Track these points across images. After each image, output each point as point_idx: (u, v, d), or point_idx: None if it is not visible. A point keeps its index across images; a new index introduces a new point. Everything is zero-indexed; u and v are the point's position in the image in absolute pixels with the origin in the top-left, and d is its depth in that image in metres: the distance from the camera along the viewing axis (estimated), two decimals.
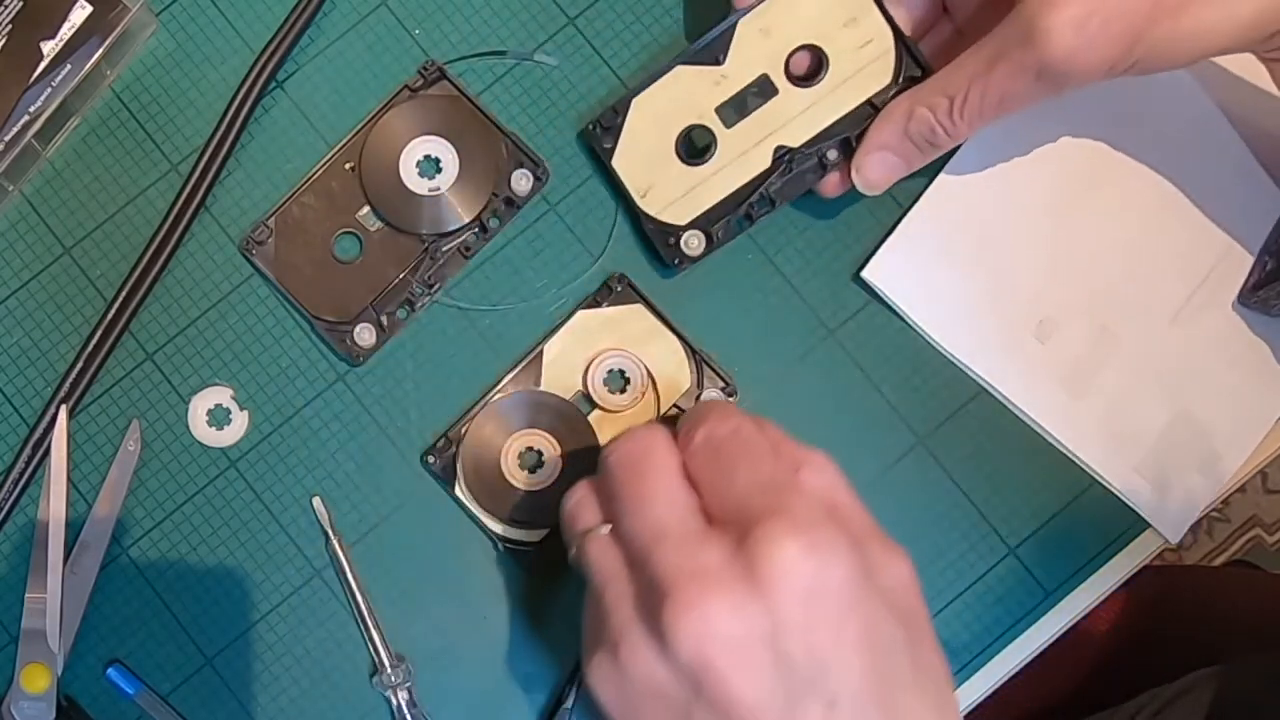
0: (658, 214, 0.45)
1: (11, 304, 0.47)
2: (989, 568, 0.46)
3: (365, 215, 0.46)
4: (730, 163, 0.45)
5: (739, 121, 0.45)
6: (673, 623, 0.33)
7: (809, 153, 0.45)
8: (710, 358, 0.46)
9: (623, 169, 0.45)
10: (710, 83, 0.45)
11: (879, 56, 0.44)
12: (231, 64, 0.48)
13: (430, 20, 0.48)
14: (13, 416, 0.46)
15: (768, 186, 0.45)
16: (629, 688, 0.35)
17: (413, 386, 0.46)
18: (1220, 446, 0.47)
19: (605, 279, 0.46)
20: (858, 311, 0.47)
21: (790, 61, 0.45)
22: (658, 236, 0.45)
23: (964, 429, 0.47)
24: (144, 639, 0.45)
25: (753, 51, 0.45)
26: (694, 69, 0.45)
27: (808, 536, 0.33)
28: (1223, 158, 0.47)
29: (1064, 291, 0.47)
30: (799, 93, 0.45)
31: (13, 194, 0.47)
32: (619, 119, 0.45)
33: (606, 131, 0.45)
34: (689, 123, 0.45)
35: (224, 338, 0.47)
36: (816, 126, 0.45)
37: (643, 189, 0.45)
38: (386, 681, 0.45)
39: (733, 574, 0.34)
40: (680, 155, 0.45)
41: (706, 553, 0.34)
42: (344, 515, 0.46)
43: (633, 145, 0.45)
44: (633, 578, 0.36)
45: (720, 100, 0.45)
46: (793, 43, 0.45)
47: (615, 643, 0.35)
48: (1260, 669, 0.54)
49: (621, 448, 0.38)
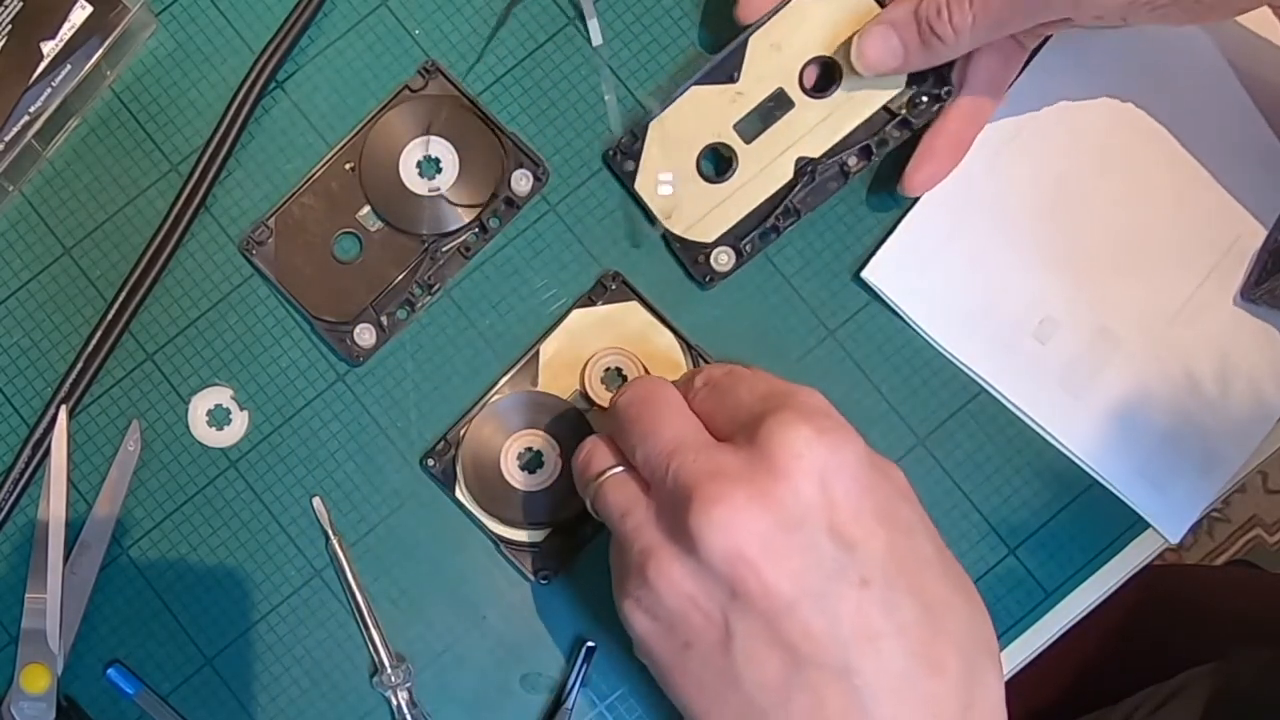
0: (684, 233, 0.46)
1: (11, 304, 0.47)
2: (989, 568, 0.46)
3: (365, 215, 0.46)
4: (753, 178, 0.45)
5: (758, 136, 0.45)
6: (700, 522, 0.34)
7: (830, 162, 0.45)
8: (707, 352, 0.46)
9: (645, 192, 0.46)
10: (726, 100, 0.45)
11: None
12: (231, 64, 0.48)
13: (430, 20, 0.48)
14: (13, 416, 0.46)
15: (792, 198, 0.45)
16: (663, 611, 0.36)
17: (413, 386, 0.46)
18: (1220, 446, 0.47)
19: (599, 276, 0.46)
20: (858, 311, 0.47)
21: (804, 74, 0.45)
22: (686, 255, 0.46)
23: (964, 429, 0.47)
24: (144, 639, 0.45)
25: (765, 67, 0.45)
26: (709, 88, 0.45)
27: (815, 423, 0.35)
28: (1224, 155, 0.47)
29: (1064, 291, 0.47)
30: (815, 103, 0.45)
31: (13, 194, 0.47)
32: (638, 142, 0.46)
33: (627, 155, 0.46)
34: (708, 141, 0.45)
35: (224, 338, 0.47)
36: (835, 135, 0.45)
37: (667, 210, 0.46)
38: (386, 681, 0.45)
39: (751, 468, 0.34)
40: (702, 174, 0.46)
41: (723, 456, 0.35)
42: (344, 515, 0.46)
43: (653, 167, 0.46)
44: (652, 501, 0.37)
45: (738, 117, 0.45)
46: (804, 55, 0.45)
47: (642, 566, 0.36)
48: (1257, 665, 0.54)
49: (629, 391, 0.39)
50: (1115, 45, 0.47)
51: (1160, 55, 0.48)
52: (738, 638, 0.35)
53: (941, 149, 0.45)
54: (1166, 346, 0.47)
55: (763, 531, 0.34)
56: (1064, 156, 0.47)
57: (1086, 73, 0.47)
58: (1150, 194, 0.47)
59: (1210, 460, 0.47)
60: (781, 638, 0.34)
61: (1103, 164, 0.47)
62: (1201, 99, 0.48)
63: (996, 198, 0.47)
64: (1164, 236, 0.47)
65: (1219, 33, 0.48)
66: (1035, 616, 0.46)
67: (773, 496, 0.34)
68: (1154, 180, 0.47)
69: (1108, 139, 0.47)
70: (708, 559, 0.34)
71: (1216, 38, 0.48)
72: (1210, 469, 0.47)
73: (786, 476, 0.34)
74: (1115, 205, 0.47)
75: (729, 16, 0.46)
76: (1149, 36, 0.47)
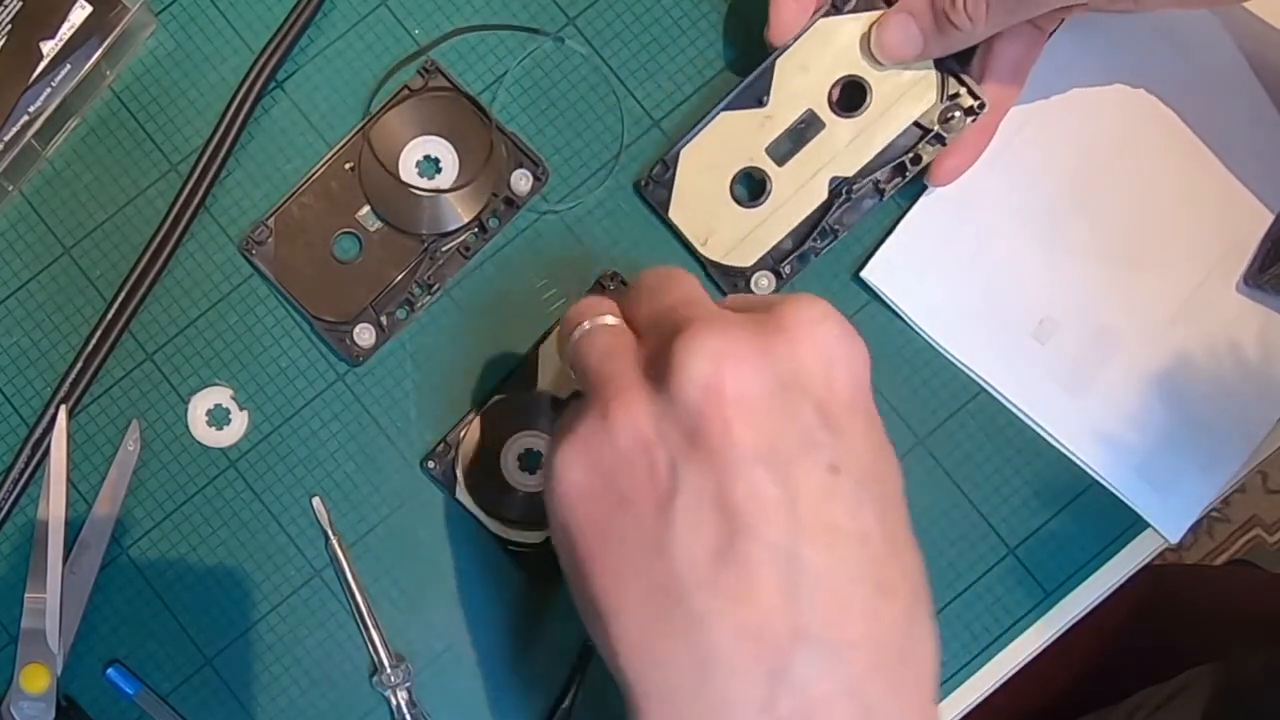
0: (722, 259, 0.45)
1: (11, 304, 0.47)
2: (989, 568, 0.46)
3: (365, 215, 0.46)
4: (787, 200, 0.45)
5: (790, 158, 0.45)
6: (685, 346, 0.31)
7: (864, 181, 0.45)
8: None
9: (680, 219, 0.46)
10: (756, 125, 0.45)
11: (920, 78, 0.45)
12: (231, 64, 0.48)
13: (430, 20, 0.48)
14: (13, 416, 0.46)
15: (829, 218, 0.45)
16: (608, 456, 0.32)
17: (413, 386, 0.46)
18: (1220, 446, 0.47)
19: (599, 276, 0.46)
20: (858, 312, 0.47)
21: (833, 93, 0.45)
22: (726, 281, 0.46)
23: (964, 429, 0.47)
24: (144, 639, 0.45)
25: (794, 88, 0.45)
26: (738, 113, 0.45)
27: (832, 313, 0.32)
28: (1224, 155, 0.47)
29: (1064, 291, 0.47)
30: (846, 123, 0.45)
31: (13, 194, 0.47)
32: (670, 171, 0.46)
33: (659, 185, 0.46)
34: (740, 166, 0.45)
35: (224, 338, 0.47)
36: (868, 153, 0.45)
37: (703, 237, 0.45)
38: (386, 681, 0.45)
39: (757, 322, 0.32)
40: (736, 199, 0.45)
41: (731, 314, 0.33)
42: (344, 515, 0.46)
43: (687, 195, 0.46)
44: (642, 346, 0.34)
45: (768, 140, 0.45)
46: (833, 75, 0.45)
47: (606, 402, 0.32)
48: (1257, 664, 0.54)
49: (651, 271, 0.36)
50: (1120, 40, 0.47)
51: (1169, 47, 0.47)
52: (681, 494, 0.31)
53: (968, 138, 0.45)
54: (1166, 346, 0.47)
55: (746, 375, 0.31)
56: (1065, 154, 0.47)
57: (1089, 69, 0.47)
58: (1153, 191, 0.47)
59: (1210, 460, 0.47)
60: (728, 501, 0.30)
61: (1104, 161, 0.47)
62: (1211, 91, 0.47)
63: (995, 197, 0.47)
64: (1167, 233, 0.47)
65: (1231, 22, 0.48)
66: (1035, 616, 0.46)
67: (770, 352, 0.31)
68: (1157, 177, 0.47)
69: (1109, 135, 0.47)
70: (678, 391, 0.31)
71: (1229, 28, 0.48)
72: (1210, 469, 0.47)
73: (792, 339, 0.31)
74: (1117, 203, 0.47)
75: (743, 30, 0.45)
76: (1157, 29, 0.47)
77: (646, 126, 0.48)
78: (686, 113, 0.48)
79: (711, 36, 0.48)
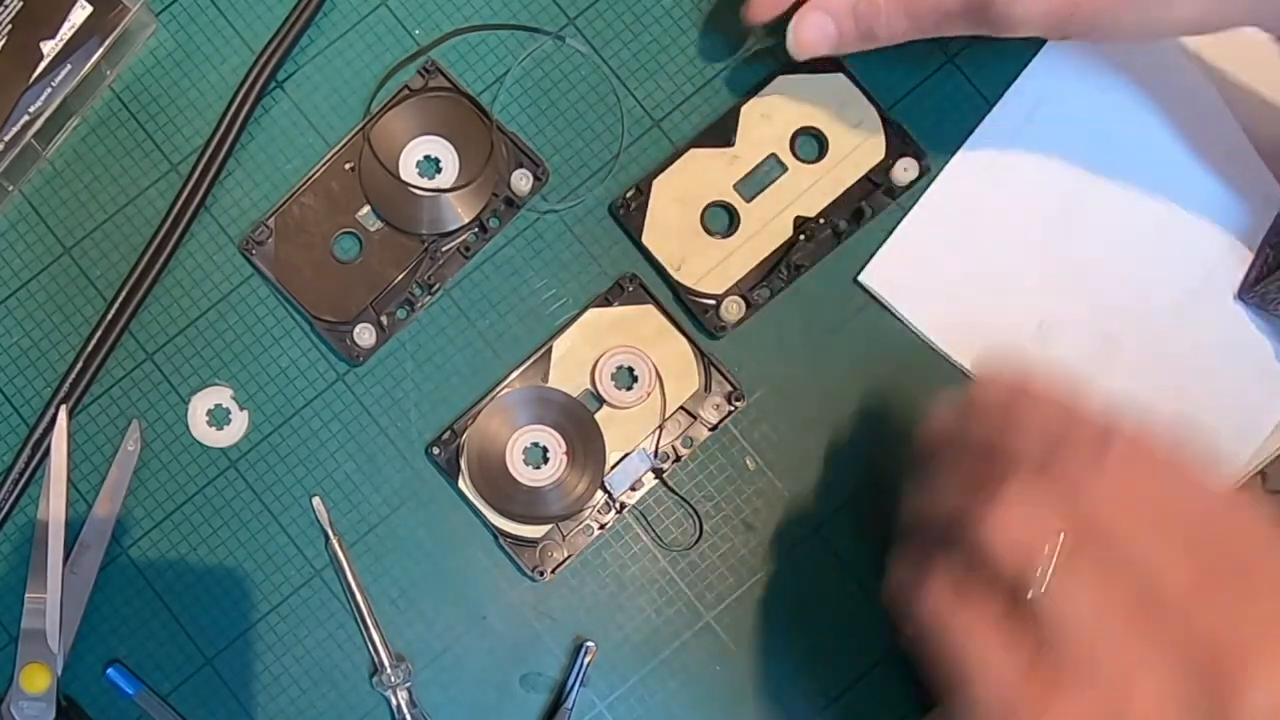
0: (695, 284, 0.46)
1: (11, 304, 0.47)
2: None
3: (365, 215, 0.46)
4: (756, 234, 0.47)
5: (757, 196, 0.47)
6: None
7: (824, 224, 0.46)
8: (719, 361, 0.46)
9: (653, 245, 0.46)
10: (725, 162, 0.47)
11: (871, 135, 0.47)
12: (231, 64, 0.48)
13: (430, 20, 0.48)
14: (13, 416, 0.46)
15: (793, 255, 0.46)
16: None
17: (413, 386, 0.47)
18: (1220, 447, 0.47)
19: (617, 278, 0.46)
20: (858, 313, 0.47)
21: (794, 142, 0.47)
22: (696, 307, 0.46)
23: None
24: (144, 639, 0.45)
25: (758, 134, 0.47)
26: (707, 150, 0.47)
27: None
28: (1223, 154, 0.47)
29: (1062, 295, 0.47)
30: (807, 168, 0.47)
31: (13, 194, 0.47)
32: (643, 197, 0.46)
33: (633, 210, 0.47)
34: (711, 199, 0.47)
35: (224, 338, 0.47)
36: (828, 197, 0.47)
37: (676, 262, 0.46)
38: (386, 681, 0.45)
39: None
40: (707, 229, 0.47)
41: None
42: (344, 515, 0.46)
43: (660, 222, 0.47)
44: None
45: (737, 178, 0.47)
46: (792, 126, 0.47)
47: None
48: None
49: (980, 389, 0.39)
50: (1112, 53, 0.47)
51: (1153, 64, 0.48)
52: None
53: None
54: (1166, 348, 0.47)
55: None
56: (1062, 160, 0.47)
57: (1084, 78, 0.47)
58: (1147, 198, 0.47)
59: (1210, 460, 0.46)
60: None
61: (1100, 167, 0.47)
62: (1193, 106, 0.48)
63: (993, 201, 0.47)
64: (1162, 239, 0.47)
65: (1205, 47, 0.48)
66: None
67: None
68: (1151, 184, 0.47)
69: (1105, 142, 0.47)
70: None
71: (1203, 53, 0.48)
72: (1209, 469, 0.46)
73: None
74: (1113, 209, 0.47)
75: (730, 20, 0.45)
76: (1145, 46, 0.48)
77: (646, 126, 0.48)
78: (686, 113, 0.48)
79: (712, 37, 0.48)
